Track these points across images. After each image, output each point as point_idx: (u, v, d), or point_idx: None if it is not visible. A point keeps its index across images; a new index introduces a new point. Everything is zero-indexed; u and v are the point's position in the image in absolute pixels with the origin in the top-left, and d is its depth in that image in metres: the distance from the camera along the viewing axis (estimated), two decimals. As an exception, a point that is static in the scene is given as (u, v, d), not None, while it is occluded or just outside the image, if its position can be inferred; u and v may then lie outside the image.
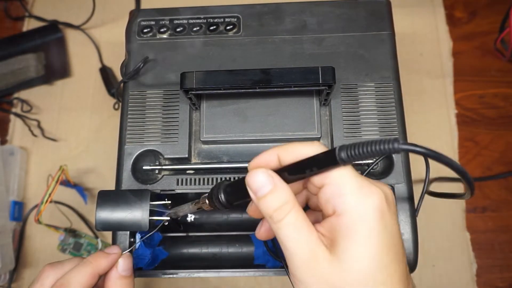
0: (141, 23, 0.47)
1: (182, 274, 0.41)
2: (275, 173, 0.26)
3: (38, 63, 0.60)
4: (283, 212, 0.25)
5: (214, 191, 0.30)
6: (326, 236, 0.25)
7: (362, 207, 0.24)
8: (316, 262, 0.24)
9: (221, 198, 0.29)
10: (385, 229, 0.24)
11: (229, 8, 0.47)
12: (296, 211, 0.25)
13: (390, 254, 0.24)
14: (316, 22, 0.46)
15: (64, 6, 0.64)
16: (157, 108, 0.43)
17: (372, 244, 0.24)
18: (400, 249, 0.25)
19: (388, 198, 0.25)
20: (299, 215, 0.25)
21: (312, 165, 0.25)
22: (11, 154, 0.55)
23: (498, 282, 0.49)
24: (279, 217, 0.25)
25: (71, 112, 0.59)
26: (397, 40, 0.45)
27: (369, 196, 0.24)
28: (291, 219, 0.25)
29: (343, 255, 0.24)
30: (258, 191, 0.25)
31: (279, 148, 0.27)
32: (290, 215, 0.25)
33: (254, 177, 0.26)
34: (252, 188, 0.26)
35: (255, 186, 0.26)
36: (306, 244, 0.24)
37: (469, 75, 0.57)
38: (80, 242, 0.53)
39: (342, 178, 0.24)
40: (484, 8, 0.60)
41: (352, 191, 0.24)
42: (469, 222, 0.51)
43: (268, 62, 0.44)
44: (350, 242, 0.24)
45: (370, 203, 0.24)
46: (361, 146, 0.22)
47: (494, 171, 0.53)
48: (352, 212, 0.24)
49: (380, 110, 0.42)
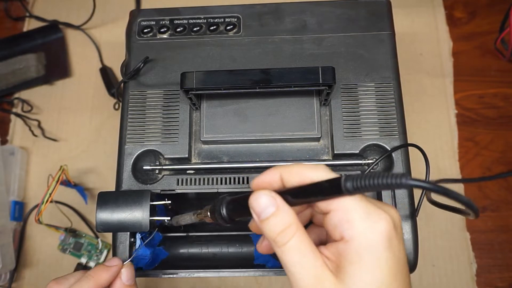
0: (141, 23, 0.47)
1: (182, 274, 0.41)
2: (278, 195, 0.25)
3: (39, 63, 0.60)
4: (287, 236, 0.25)
5: (216, 205, 0.30)
6: (331, 260, 0.25)
7: (370, 234, 0.24)
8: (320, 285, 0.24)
9: (223, 213, 0.29)
10: (393, 255, 0.24)
11: (229, 8, 0.47)
12: (300, 235, 0.25)
13: (397, 279, 0.24)
14: (316, 22, 0.46)
15: (64, 6, 0.64)
16: (157, 108, 0.43)
17: (380, 271, 0.23)
18: (406, 274, 0.25)
19: (395, 223, 0.25)
20: (303, 238, 0.25)
21: (316, 192, 0.24)
22: (12, 154, 0.55)
23: (498, 282, 0.49)
24: (282, 240, 0.25)
25: (71, 112, 0.59)
26: (397, 40, 0.45)
27: (377, 222, 0.24)
28: (295, 243, 0.24)
29: (350, 281, 0.23)
30: (261, 214, 0.25)
31: (282, 169, 0.26)
32: (294, 239, 0.24)
33: (257, 199, 0.25)
34: (255, 211, 0.26)
35: (258, 208, 0.25)
36: (311, 269, 0.24)
37: (469, 75, 0.57)
38: (81, 242, 0.53)
39: (349, 205, 0.24)
40: (484, 8, 0.60)
41: (361, 217, 0.24)
42: (469, 222, 0.51)
43: (268, 62, 0.44)
44: (358, 269, 0.23)
45: (378, 229, 0.24)
46: (369, 179, 0.22)
47: (494, 171, 0.53)
48: (361, 238, 0.24)
49: (380, 110, 0.42)
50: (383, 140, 0.41)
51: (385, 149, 0.41)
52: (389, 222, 0.24)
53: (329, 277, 0.24)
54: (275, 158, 0.42)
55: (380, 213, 0.24)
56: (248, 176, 0.40)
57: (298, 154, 0.42)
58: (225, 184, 0.40)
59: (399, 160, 0.40)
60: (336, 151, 0.41)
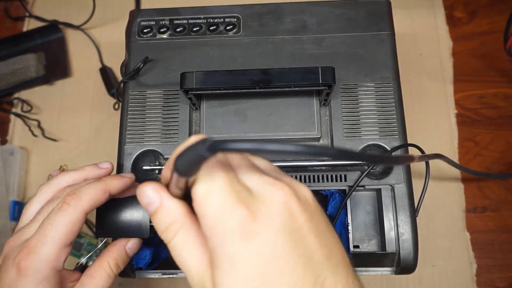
0: (141, 23, 0.47)
1: (182, 274, 0.41)
2: (163, 188, 0.24)
3: (38, 63, 0.60)
4: (171, 233, 0.24)
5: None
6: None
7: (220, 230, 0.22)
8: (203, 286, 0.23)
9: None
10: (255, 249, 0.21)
11: (229, 8, 0.47)
12: (185, 232, 0.24)
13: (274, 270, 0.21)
14: (316, 22, 0.46)
15: (64, 6, 0.64)
16: (157, 108, 0.43)
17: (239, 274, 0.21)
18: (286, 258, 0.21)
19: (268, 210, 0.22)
20: (188, 236, 0.24)
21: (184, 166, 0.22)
22: (11, 154, 0.55)
23: (498, 282, 0.49)
24: (167, 238, 0.24)
25: (71, 112, 0.59)
26: (397, 40, 0.45)
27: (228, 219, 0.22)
28: (179, 240, 0.24)
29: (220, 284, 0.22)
30: (147, 207, 0.25)
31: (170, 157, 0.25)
32: (178, 236, 0.24)
33: (142, 193, 0.25)
34: (142, 204, 0.25)
35: (143, 201, 0.25)
36: (194, 267, 0.23)
37: (469, 75, 0.57)
38: (80, 242, 0.53)
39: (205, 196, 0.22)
40: (484, 8, 0.60)
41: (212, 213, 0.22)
42: (469, 222, 0.51)
43: (268, 62, 0.44)
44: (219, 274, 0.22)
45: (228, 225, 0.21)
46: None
47: (494, 171, 0.53)
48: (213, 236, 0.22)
49: (380, 110, 0.42)
50: (383, 140, 0.41)
51: (385, 149, 0.41)
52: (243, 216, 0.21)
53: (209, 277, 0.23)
54: (275, 158, 0.42)
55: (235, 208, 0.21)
56: (248, 176, 0.40)
57: (298, 154, 0.42)
58: (225, 184, 0.40)
59: (399, 160, 0.40)
60: (336, 151, 0.41)
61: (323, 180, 0.40)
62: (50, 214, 0.31)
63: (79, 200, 0.31)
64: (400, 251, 0.38)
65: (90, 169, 0.35)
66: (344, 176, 0.40)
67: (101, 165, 0.36)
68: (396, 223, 0.39)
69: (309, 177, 0.41)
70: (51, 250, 0.30)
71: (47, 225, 0.30)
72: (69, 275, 0.33)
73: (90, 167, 0.36)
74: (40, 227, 0.31)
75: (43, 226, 0.31)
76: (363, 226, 0.41)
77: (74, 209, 0.31)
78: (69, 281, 0.33)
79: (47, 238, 0.30)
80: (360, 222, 0.41)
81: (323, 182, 0.40)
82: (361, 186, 0.40)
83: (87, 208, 0.31)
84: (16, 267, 0.30)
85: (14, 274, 0.30)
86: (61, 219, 0.30)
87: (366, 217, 0.41)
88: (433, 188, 0.51)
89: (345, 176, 0.40)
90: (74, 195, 0.31)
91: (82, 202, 0.31)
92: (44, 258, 0.30)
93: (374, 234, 0.41)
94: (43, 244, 0.30)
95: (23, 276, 0.29)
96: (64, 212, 0.31)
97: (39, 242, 0.30)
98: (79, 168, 0.36)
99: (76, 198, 0.31)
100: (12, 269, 0.30)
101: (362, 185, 0.40)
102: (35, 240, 0.30)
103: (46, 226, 0.30)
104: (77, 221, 0.31)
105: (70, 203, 0.31)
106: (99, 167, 0.36)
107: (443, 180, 0.52)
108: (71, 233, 0.31)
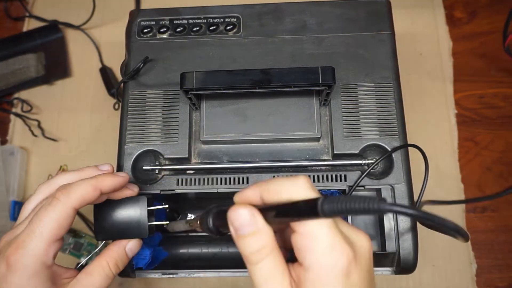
0: (141, 23, 0.47)
1: (182, 274, 0.41)
2: (258, 213, 0.25)
3: (38, 63, 0.60)
4: (260, 256, 0.25)
5: (204, 216, 0.29)
6: (296, 282, 0.25)
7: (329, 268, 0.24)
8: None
9: (209, 225, 0.28)
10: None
11: (229, 8, 0.47)
12: (274, 256, 0.25)
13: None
14: (316, 22, 0.46)
15: (64, 6, 0.64)
16: (157, 108, 0.43)
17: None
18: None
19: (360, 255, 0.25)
20: (276, 260, 0.25)
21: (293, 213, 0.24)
22: (11, 154, 0.55)
23: (498, 282, 0.49)
24: (255, 260, 0.25)
25: (71, 112, 0.59)
26: (397, 40, 0.45)
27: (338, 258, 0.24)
28: (267, 263, 0.25)
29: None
30: (238, 230, 0.25)
31: (262, 187, 0.26)
32: (267, 260, 0.25)
33: (237, 213, 0.25)
34: (233, 224, 0.25)
35: (237, 223, 0.25)
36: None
37: (469, 75, 0.57)
38: (80, 242, 0.53)
39: (315, 232, 0.24)
40: (484, 8, 0.60)
41: (323, 249, 0.24)
42: (469, 222, 0.51)
43: (268, 62, 0.44)
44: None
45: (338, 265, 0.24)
46: (346, 203, 0.21)
47: (494, 171, 0.53)
48: (319, 271, 0.24)
49: (380, 110, 0.42)
50: (383, 140, 0.41)
51: (385, 149, 0.41)
52: (350, 256, 0.24)
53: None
54: (275, 158, 0.42)
55: (344, 248, 0.24)
56: (248, 176, 0.40)
57: (298, 154, 0.42)
58: (225, 184, 0.40)
59: (399, 161, 0.40)
60: (336, 151, 0.41)
61: (323, 180, 0.40)
62: (40, 209, 0.32)
63: (68, 195, 0.31)
64: (400, 251, 0.38)
65: (90, 171, 0.35)
66: (344, 176, 0.40)
67: (101, 167, 0.36)
68: (396, 223, 0.39)
69: (309, 177, 0.41)
70: (39, 245, 0.30)
71: (35, 220, 0.31)
72: (63, 272, 0.33)
73: (90, 168, 0.36)
74: (30, 223, 0.31)
75: (32, 221, 0.31)
76: (363, 226, 0.41)
77: (63, 205, 0.31)
78: (63, 278, 0.33)
79: (36, 233, 0.30)
80: (360, 222, 0.41)
81: (323, 182, 0.40)
82: (361, 186, 0.40)
83: (76, 204, 0.31)
84: (5, 262, 0.30)
85: (4, 269, 0.30)
86: (49, 214, 0.31)
87: (366, 217, 0.41)
88: (433, 188, 0.51)
89: (345, 176, 0.40)
90: (64, 190, 0.31)
91: (71, 198, 0.31)
92: (32, 253, 0.30)
93: (374, 234, 0.41)
94: (32, 239, 0.30)
95: (12, 270, 0.30)
96: (53, 207, 0.31)
97: (27, 237, 0.30)
98: (79, 169, 0.36)
99: (65, 194, 0.31)
100: (1, 264, 0.30)
101: (362, 185, 0.40)
102: (24, 235, 0.31)
103: (34, 221, 0.31)
104: (66, 216, 0.31)
105: (60, 198, 0.31)
106: (99, 169, 0.36)
107: (443, 180, 0.52)
108: (60, 229, 0.31)
